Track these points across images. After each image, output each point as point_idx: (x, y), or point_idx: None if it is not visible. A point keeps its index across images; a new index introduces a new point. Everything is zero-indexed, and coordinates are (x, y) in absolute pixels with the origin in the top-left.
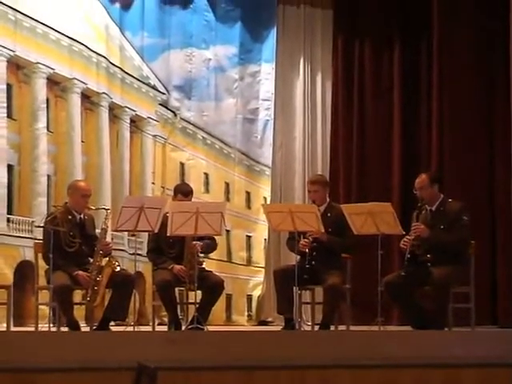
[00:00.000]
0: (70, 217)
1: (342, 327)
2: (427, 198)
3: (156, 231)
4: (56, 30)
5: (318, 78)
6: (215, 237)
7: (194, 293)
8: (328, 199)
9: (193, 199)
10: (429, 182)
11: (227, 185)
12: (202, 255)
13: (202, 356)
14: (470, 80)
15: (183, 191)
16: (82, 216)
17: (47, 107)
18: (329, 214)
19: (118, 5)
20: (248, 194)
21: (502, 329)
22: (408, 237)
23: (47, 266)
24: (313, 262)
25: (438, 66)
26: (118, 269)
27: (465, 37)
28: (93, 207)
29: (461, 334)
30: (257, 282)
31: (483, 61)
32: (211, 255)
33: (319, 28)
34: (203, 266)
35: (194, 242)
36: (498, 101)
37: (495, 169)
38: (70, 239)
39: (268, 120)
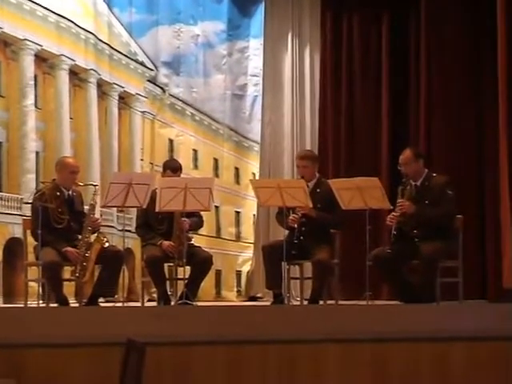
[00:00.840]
0: (58, 193)
1: (330, 302)
2: (412, 173)
3: (144, 207)
4: (43, 7)
5: (307, 54)
6: (202, 214)
7: (182, 269)
8: (317, 175)
9: (182, 175)
10: (413, 157)
11: (216, 161)
12: (190, 232)
13: (191, 331)
14: (459, 54)
15: (172, 167)
16: (70, 192)
17: (35, 84)
18: (318, 190)
19: None
20: (237, 169)
21: (490, 303)
22: (394, 213)
23: (36, 243)
24: (301, 237)
25: (426, 41)
26: (107, 245)
27: (452, 11)
28: (81, 183)
29: (449, 308)
30: (246, 258)
31: (471, 34)
32: (200, 231)
33: (307, 3)
34: (192, 241)
35: (183, 219)
36: (486, 75)
37: (483, 143)
38: (59, 215)
39: (256, 96)
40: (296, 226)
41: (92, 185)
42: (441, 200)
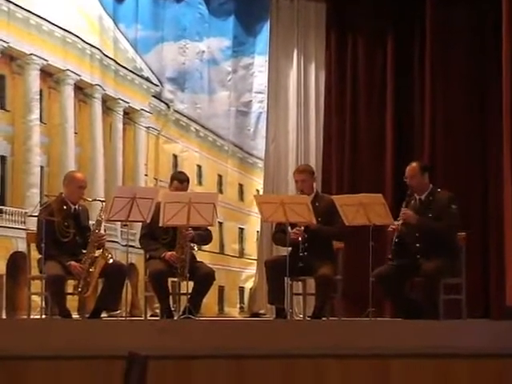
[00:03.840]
0: (64, 207)
1: (333, 319)
2: (417, 186)
3: (148, 221)
4: (49, 22)
5: (312, 71)
6: (210, 229)
7: (185, 284)
8: (315, 189)
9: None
10: (419, 171)
11: (220, 177)
12: (194, 245)
13: (193, 345)
14: (463, 72)
15: (179, 179)
16: (76, 207)
17: (40, 98)
18: (317, 204)
19: None
20: (241, 186)
21: (493, 320)
22: (396, 222)
23: (40, 256)
24: (305, 253)
25: (431, 60)
26: (111, 261)
27: (458, 30)
28: (88, 199)
29: (452, 325)
30: (249, 274)
31: (476, 53)
32: (204, 247)
33: (312, 21)
34: (195, 250)
35: (188, 230)
36: (490, 92)
37: (487, 160)
38: (65, 229)
39: (261, 112)
40: (300, 239)
41: (99, 200)
42: (444, 215)
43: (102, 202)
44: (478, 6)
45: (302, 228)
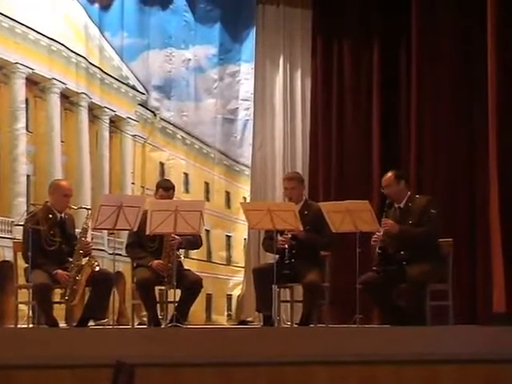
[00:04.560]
0: (50, 215)
1: (320, 325)
2: (394, 195)
3: (135, 230)
4: (35, 30)
5: (298, 78)
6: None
7: (173, 292)
8: (304, 197)
9: (173, 198)
10: (394, 179)
11: (207, 184)
12: (181, 251)
13: (180, 353)
14: (450, 78)
15: (164, 186)
16: (62, 215)
17: (26, 107)
18: (306, 212)
19: (97, 5)
20: (228, 193)
21: (480, 326)
22: (377, 233)
23: (26, 265)
24: (292, 260)
25: (417, 66)
26: (98, 269)
27: (444, 35)
28: (74, 207)
29: (439, 331)
30: (237, 282)
31: (462, 58)
32: (191, 255)
33: (298, 28)
34: (181, 259)
35: (174, 236)
36: (477, 100)
37: (474, 167)
38: (51, 238)
39: (247, 120)
40: (287, 246)
41: (85, 208)
42: (423, 220)
43: (88, 209)
44: (464, 9)
45: (289, 235)
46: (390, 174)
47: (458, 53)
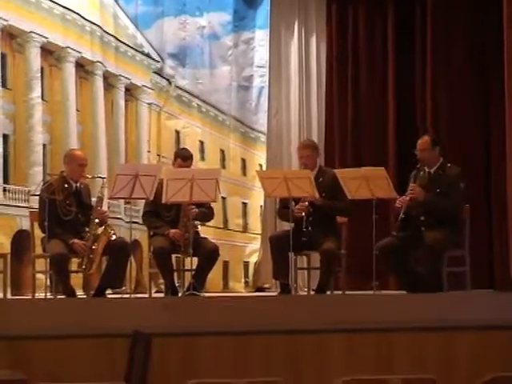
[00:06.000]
0: (65, 185)
1: (337, 292)
2: (427, 159)
3: (151, 198)
4: None
5: (313, 44)
6: (212, 206)
7: (190, 260)
8: (318, 164)
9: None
10: (430, 144)
11: (222, 152)
12: (197, 222)
13: (197, 322)
14: (465, 42)
15: (182, 156)
16: (77, 185)
17: (41, 76)
18: (321, 179)
19: None
20: (243, 161)
21: (498, 292)
22: (404, 197)
23: (43, 235)
24: (308, 228)
25: (432, 30)
26: (114, 237)
27: (459, 4)
28: (89, 176)
29: (456, 297)
30: (253, 249)
31: (478, 23)
32: (207, 223)
33: None
34: (198, 229)
35: (191, 207)
36: (492, 64)
37: (491, 134)
38: (66, 208)
39: (263, 87)
40: (304, 214)
41: (100, 177)
42: (452, 191)
43: (103, 178)
44: None
45: (307, 203)
46: (426, 137)
47: (475, 13)
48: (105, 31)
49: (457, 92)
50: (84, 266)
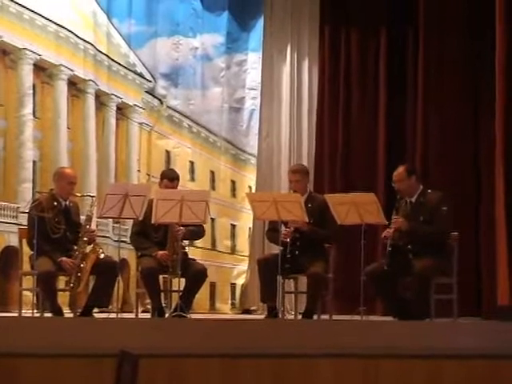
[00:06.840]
0: (55, 203)
1: (324, 316)
2: (405, 189)
3: (140, 218)
4: (43, 16)
5: (305, 68)
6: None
7: (177, 280)
8: (308, 189)
9: (178, 187)
10: (405, 174)
11: (212, 173)
12: (186, 242)
13: (185, 343)
14: (457, 68)
15: (169, 177)
16: (67, 203)
17: (33, 93)
18: (310, 205)
19: None
20: (233, 182)
21: (485, 320)
22: (388, 229)
23: (32, 252)
24: (296, 252)
25: (424, 55)
26: (102, 256)
27: (452, 22)
28: (78, 194)
29: (443, 325)
30: (241, 271)
31: (470, 49)
32: (196, 243)
33: (306, 17)
34: (186, 250)
35: (178, 228)
36: (484, 91)
37: (480, 160)
38: (55, 225)
39: (254, 109)
40: (288, 240)
41: (89, 196)
42: (435, 217)
43: (92, 197)
44: (470, 7)
45: (292, 228)
46: (401, 168)
47: (467, 39)
48: (98, 50)
49: (448, 116)
50: (72, 284)
